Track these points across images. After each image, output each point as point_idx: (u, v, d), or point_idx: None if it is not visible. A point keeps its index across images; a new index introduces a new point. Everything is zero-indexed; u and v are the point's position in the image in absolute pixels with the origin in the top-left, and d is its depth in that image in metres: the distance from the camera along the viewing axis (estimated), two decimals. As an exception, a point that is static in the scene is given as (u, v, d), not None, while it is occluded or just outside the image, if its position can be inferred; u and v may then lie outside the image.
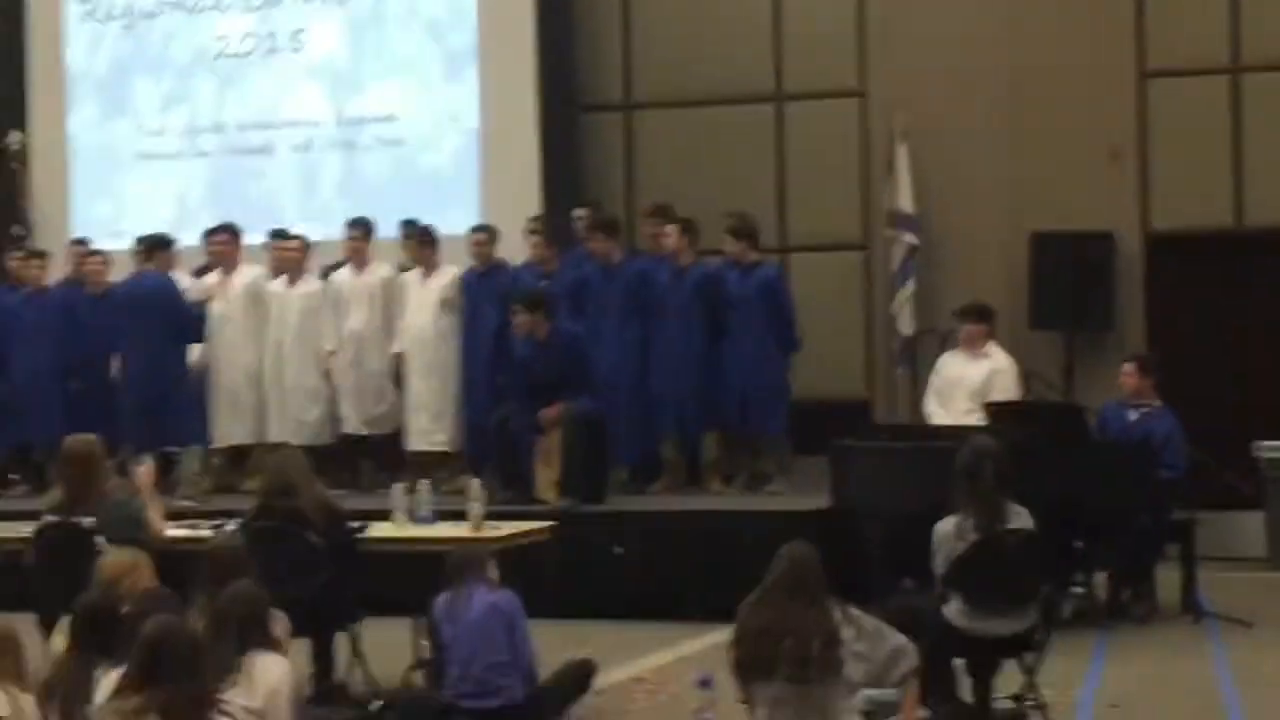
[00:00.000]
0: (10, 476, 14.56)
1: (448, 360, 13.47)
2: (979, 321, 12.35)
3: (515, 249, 13.63)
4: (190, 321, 13.27)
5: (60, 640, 7.08)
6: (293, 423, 13.67)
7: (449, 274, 13.50)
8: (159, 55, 16.13)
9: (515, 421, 12.28)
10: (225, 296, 13.85)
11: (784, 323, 12.86)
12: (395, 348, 13.51)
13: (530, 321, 12.22)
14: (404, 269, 13.75)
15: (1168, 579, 11.40)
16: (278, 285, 13.88)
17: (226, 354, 13.87)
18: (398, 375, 13.55)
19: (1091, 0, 14.13)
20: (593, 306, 12.95)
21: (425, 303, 13.46)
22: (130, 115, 16.18)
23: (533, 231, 13.55)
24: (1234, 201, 13.91)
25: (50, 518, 9.10)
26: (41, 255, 14.64)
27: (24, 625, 6.89)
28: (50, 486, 10.49)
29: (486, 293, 13.35)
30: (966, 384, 12.19)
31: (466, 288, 13.44)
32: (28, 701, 6.05)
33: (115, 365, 13.58)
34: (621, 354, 13.00)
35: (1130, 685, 9.27)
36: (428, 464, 13.23)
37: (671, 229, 12.96)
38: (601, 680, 9.05)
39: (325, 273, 13.96)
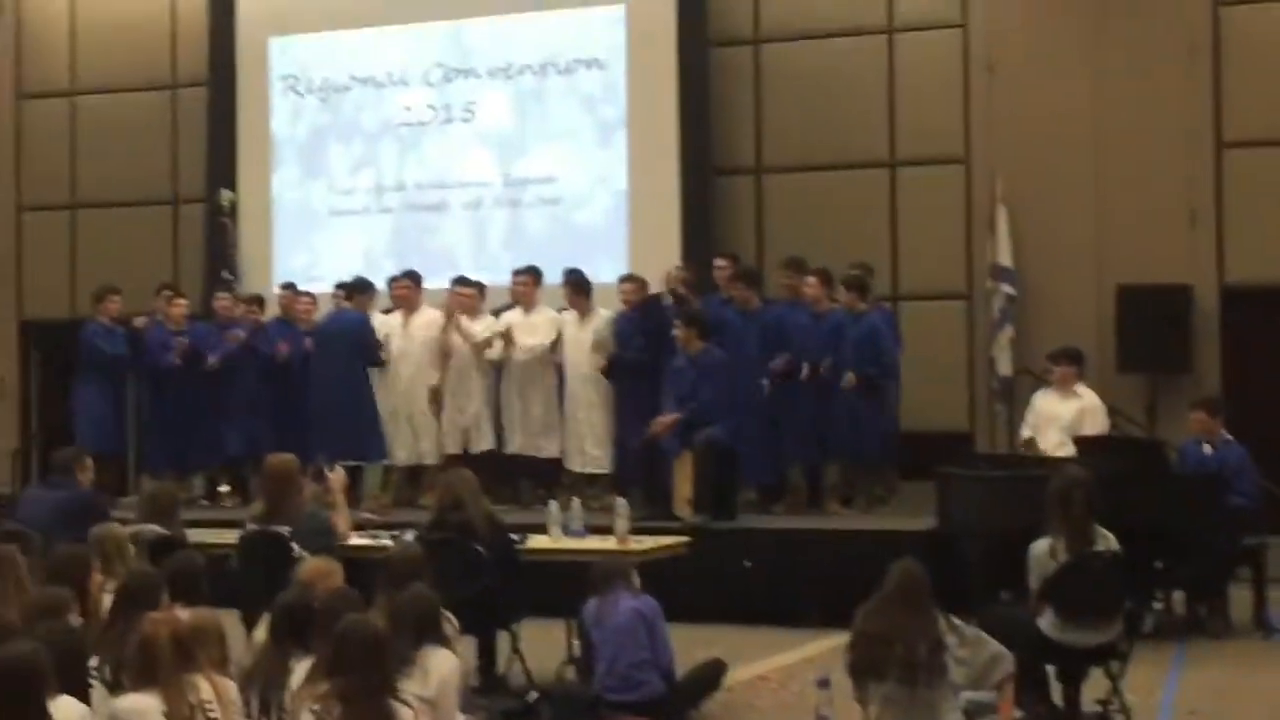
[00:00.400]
0: (219, 489, 14.76)
1: (605, 392, 13.48)
2: (1070, 364, 12.25)
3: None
4: (376, 352, 13.39)
5: (261, 634, 7.15)
6: (461, 443, 13.73)
7: (601, 317, 13.53)
8: (350, 124, 16.32)
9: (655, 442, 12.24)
10: (406, 334, 13.97)
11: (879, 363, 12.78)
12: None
13: (687, 335, 12.21)
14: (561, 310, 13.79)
15: (1240, 598, 11.18)
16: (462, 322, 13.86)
17: (407, 384, 13.97)
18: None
19: (1173, 76, 13.94)
20: (731, 346, 12.85)
21: (581, 342, 13.50)
22: (324, 176, 16.38)
23: (678, 281, 13.47)
24: (1302, 259, 13.71)
25: (252, 526, 9.21)
26: (259, 300, 14.83)
27: (229, 620, 6.95)
28: (253, 499, 10.64)
29: (637, 329, 13.29)
30: (1059, 420, 12.06)
31: (620, 328, 13.41)
32: (229, 687, 6.10)
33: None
34: (755, 388, 12.94)
35: (1205, 694, 9.10)
36: (579, 483, 13.28)
37: (813, 280, 12.90)
38: (731, 678, 9.03)
39: (496, 313, 13.98)
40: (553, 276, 13.85)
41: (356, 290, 13.63)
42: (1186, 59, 13.92)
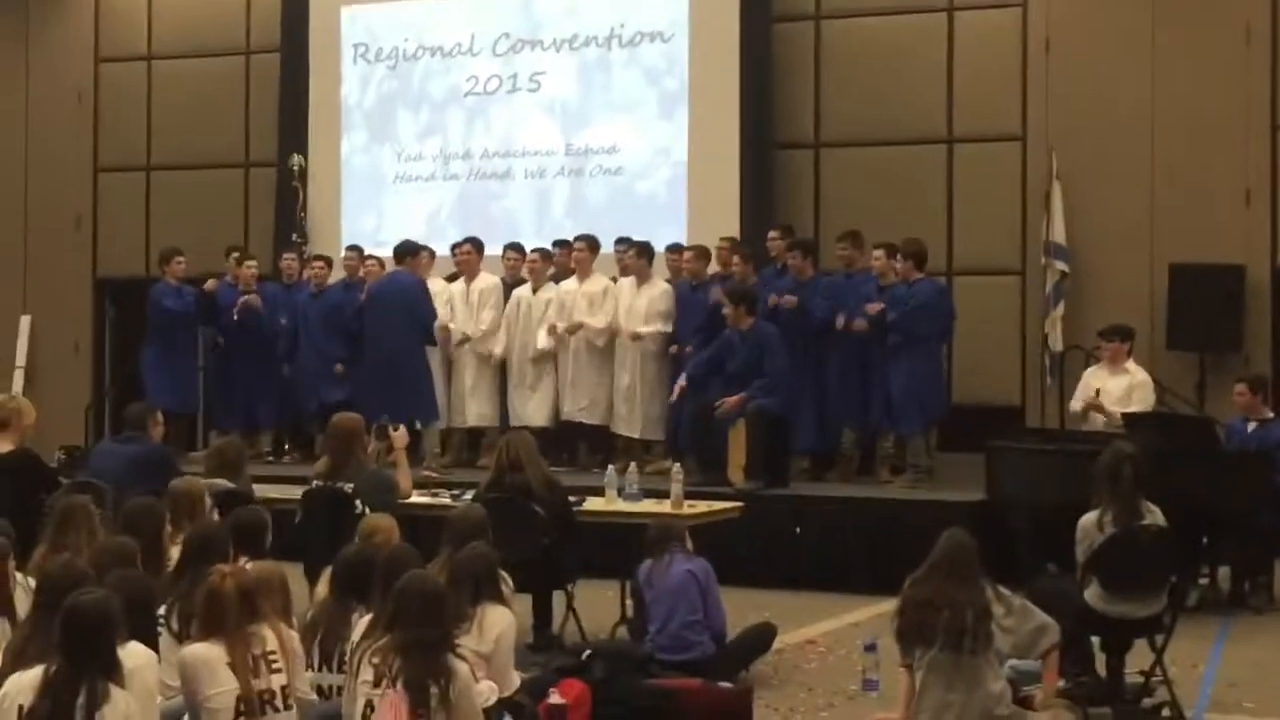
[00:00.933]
0: (285, 446, 14.90)
1: (661, 358, 13.49)
2: (1121, 340, 12.20)
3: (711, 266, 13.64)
4: (428, 321, 13.23)
5: (323, 587, 7.22)
6: (525, 406, 13.80)
7: (660, 285, 13.54)
8: (418, 92, 16.35)
9: (714, 409, 12.22)
10: (469, 300, 14.03)
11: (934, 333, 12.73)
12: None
13: (735, 313, 12.19)
14: (614, 279, 13.80)
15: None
16: (523, 290, 13.91)
17: (471, 348, 14.04)
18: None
19: (1229, 57, 13.80)
20: (786, 315, 12.81)
21: (637, 309, 13.51)
22: (392, 143, 16.42)
23: (732, 250, 13.46)
24: (1354, 241, 13.59)
25: (317, 482, 9.28)
26: (327, 260, 14.92)
27: (292, 573, 7.02)
28: (318, 456, 10.71)
29: (695, 303, 13.30)
30: (1109, 395, 11.99)
31: (680, 298, 13.42)
32: (293, 638, 6.16)
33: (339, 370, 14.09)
34: (810, 357, 12.92)
35: (1247, 668, 9.05)
36: (634, 448, 13.31)
37: (880, 252, 12.82)
38: (780, 641, 9.06)
39: (555, 279, 14.01)
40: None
41: (404, 254, 13.42)
42: (1243, 40, 13.78)
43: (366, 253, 14.63)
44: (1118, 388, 12.00)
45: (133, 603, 5.66)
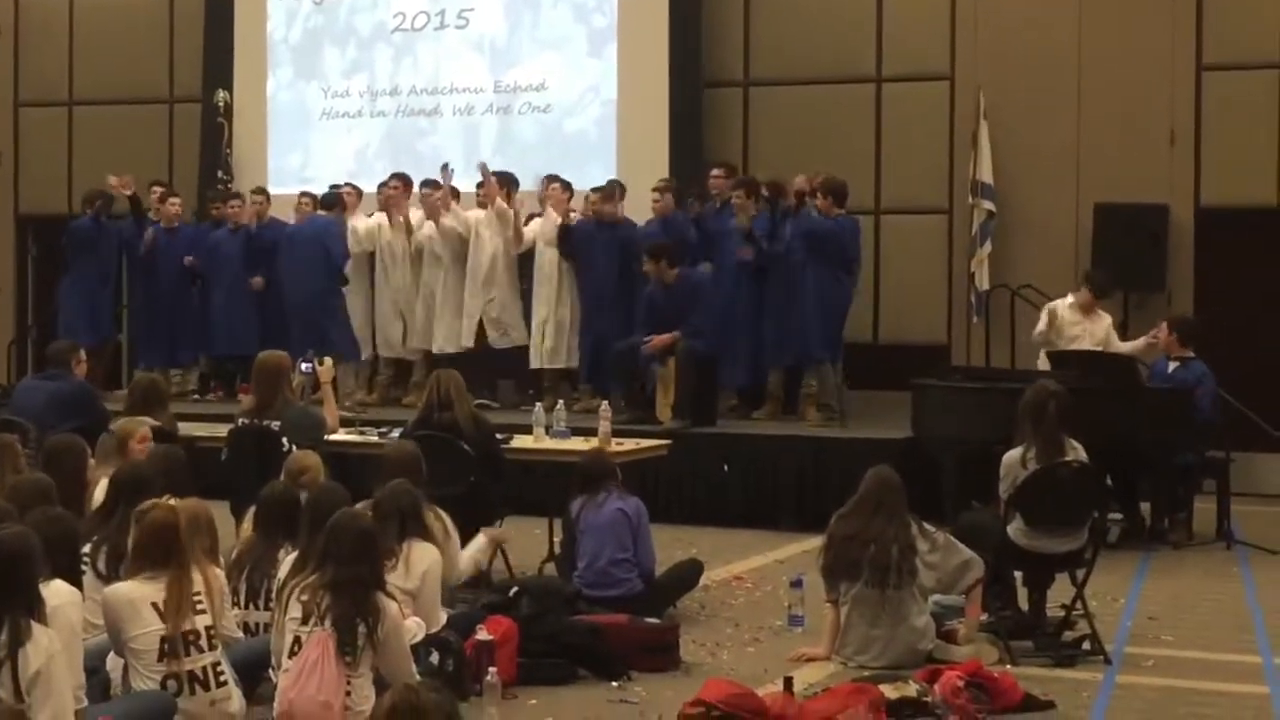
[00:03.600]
0: (211, 384, 14.80)
1: (570, 291, 13.49)
2: (1097, 289, 12.14)
3: (642, 204, 13.58)
4: (338, 263, 13.57)
5: (249, 524, 7.18)
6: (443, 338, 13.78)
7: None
8: (345, 28, 16.18)
9: (641, 351, 12.25)
10: (398, 234, 13.98)
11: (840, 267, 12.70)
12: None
13: (657, 268, 12.18)
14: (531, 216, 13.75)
15: (1205, 510, 11.27)
16: (430, 225, 13.87)
17: (394, 282, 14.03)
18: None
19: (1156, -1, 13.91)
20: (729, 252, 12.83)
21: (551, 240, 13.49)
22: (319, 79, 16.25)
23: (662, 190, 13.42)
24: (1277, 182, 13.65)
25: (243, 420, 9.21)
26: (239, 196, 14.82)
27: (218, 511, 6.97)
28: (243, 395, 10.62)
29: (604, 242, 13.26)
30: (1092, 335, 11.93)
31: (586, 236, 13.34)
32: (217, 576, 6.12)
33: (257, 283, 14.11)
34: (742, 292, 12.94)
35: (1166, 600, 9.17)
36: (556, 383, 13.30)
37: (740, 191, 12.74)
38: (708, 577, 9.10)
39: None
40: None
41: (326, 205, 13.87)
42: (1170, -18, 13.86)
43: (301, 191, 14.50)
44: (1100, 329, 12.00)
45: (55, 541, 5.59)
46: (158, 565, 5.85)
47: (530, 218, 13.74)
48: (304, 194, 14.28)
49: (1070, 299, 12.12)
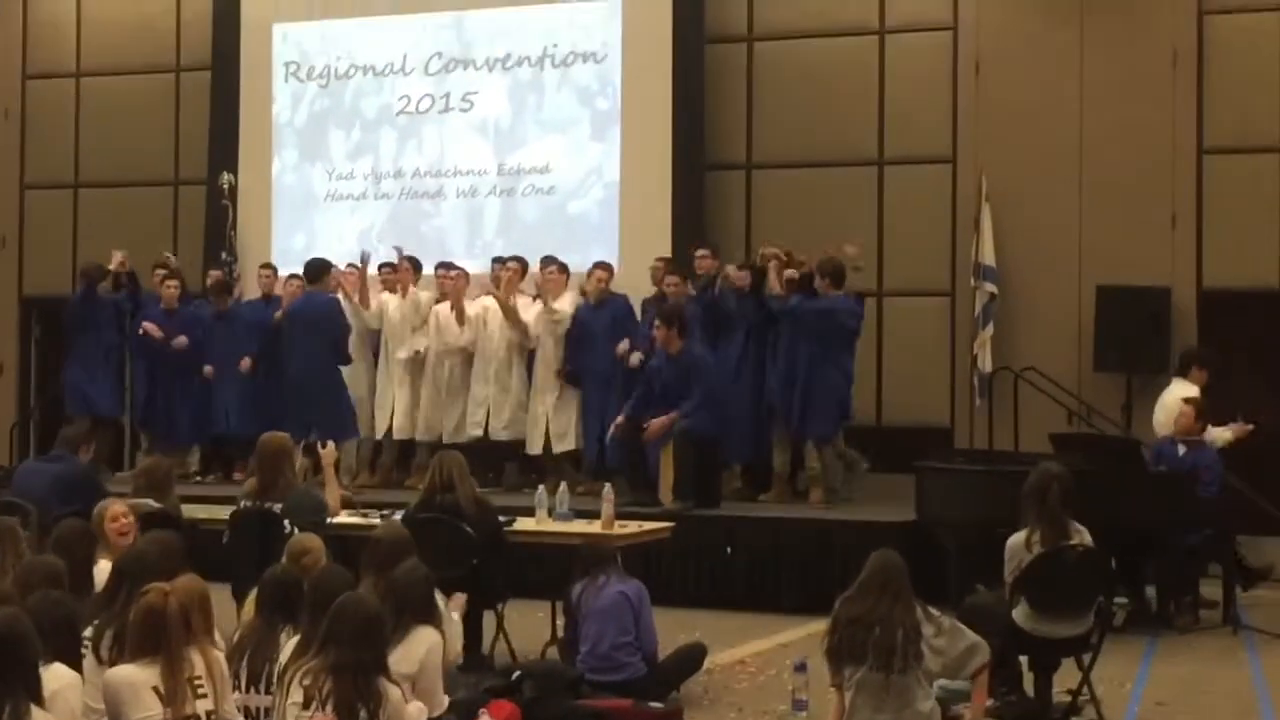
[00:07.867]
0: (213, 465, 14.78)
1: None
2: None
3: (643, 283, 13.69)
4: (342, 342, 13.49)
5: (250, 607, 7.14)
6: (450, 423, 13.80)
7: (569, 301, 13.58)
8: (350, 110, 16.29)
9: (643, 430, 12.23)
10: (401, 316, 14.04)
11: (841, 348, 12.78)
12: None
13: (666, 335, 12.20)
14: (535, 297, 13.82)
15: (1211, 595, 11.23)
16: (443, 307, 13.93)
17: (395, 364, 14.07)
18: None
19: (1157, 81, 13.94)
20: (732, 330, 12.97)
21: (552, 327, 13.57)
22: (324, 161, 16.34)
23: (668, 271, 13.51)
24: (1279, 265, 13.70)
25: (245, 502, 9.21)
26: (272, 269, 15.04)
27: (219, 594, 6.94)
28: (241, 477, 10.63)
29: (602, 321, 13.39)
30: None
31: (583, 317, 13.47)
32: (218, 658, 6.08)
33: (245, 364, 14.17)
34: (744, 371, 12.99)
35: (1174, 686, 9.12)
36: (563, 467, 13.29)
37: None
38: (711, 661, 9.06)
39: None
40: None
41: (316, 273, 13.59)
42: (1171, 65, 13.93)
43: (290, 274, 14.57)
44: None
45: (56, 624, 5.58)
46: (150, 650, 5.81)
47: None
48: (293, 276, 14.32)
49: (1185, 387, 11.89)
